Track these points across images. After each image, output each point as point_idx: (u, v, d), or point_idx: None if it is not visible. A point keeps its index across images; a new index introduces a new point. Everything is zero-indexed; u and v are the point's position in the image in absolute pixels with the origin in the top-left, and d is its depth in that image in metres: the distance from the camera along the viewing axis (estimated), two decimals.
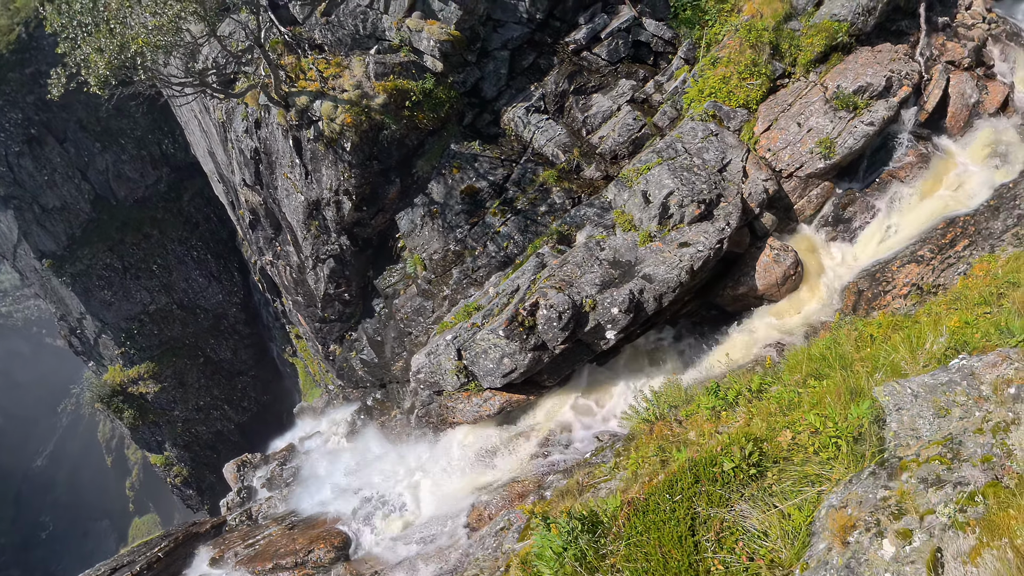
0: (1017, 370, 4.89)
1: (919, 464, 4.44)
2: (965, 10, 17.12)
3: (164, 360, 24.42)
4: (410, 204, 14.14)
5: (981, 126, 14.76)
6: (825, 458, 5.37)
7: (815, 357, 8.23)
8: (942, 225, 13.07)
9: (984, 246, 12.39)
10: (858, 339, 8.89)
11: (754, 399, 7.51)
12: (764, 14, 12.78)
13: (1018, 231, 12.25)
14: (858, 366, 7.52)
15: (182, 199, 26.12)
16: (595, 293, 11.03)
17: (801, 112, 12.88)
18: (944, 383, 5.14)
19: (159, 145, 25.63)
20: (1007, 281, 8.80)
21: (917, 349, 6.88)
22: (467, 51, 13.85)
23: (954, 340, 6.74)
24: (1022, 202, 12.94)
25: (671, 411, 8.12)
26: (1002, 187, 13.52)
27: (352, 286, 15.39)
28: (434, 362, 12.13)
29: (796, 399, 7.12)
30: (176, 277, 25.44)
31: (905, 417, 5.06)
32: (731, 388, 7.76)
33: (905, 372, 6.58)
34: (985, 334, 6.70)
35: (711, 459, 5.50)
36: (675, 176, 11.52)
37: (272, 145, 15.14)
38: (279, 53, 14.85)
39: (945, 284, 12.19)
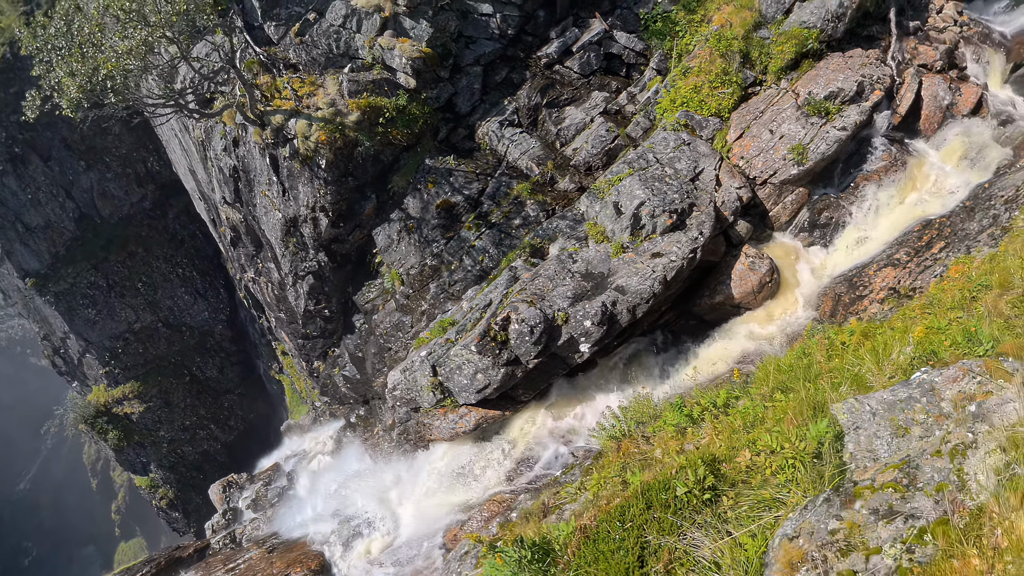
0: (980, 384, 4.59)
1: (873, 491, 4.13)
2: (936, 14, 17.01)
3: (149, 379, 23.93)
4: (386, 219, 13.94)
5: (955, 128, 14.56)
6: (783, 480, 5.06)
7: (784, 368, 7.93)
8: (918, 227, 12.82)
9: (960, 247, 12.12)
10: (829, 348, 8.59)
11: (720, 414, 7.20)
12: (733, 23, 12.64)
13: (993, 231, 11.98)
14: (825, 378, 7.22)
15: (167, 216, 25.75)
16: (567, 306, 10.76)
17: (773, 119, 12.69)
18: (903, 400, 4.84)
19: (144, 163, 25.30)
20: (980, 284, 8.51)
21: (883, 360, 6.58)
22: (440, 67, 13.73)
23: (921, 349, 6.45)
24: (997, 202, 12.69)
25: (638, 428, 7.81)
26: (977, 187, 13.29)
27: (332, 302, 15.15)
28: (410, 379, 11.83)
29: (761, 414, 6.82)
30: (161, 295, 25.04)
31: (862, 437, 4.76)
32: (696, 404, 7.45)
33: (871, 385, 6.28)
34: (954, 342, 6.41)
35: (664, 483, 5.19)
36: (646, 186, 11.30)
37: (250, 163, 15.00)
38: (255, 73, 14.76)
39: (922, 287, 11.91)
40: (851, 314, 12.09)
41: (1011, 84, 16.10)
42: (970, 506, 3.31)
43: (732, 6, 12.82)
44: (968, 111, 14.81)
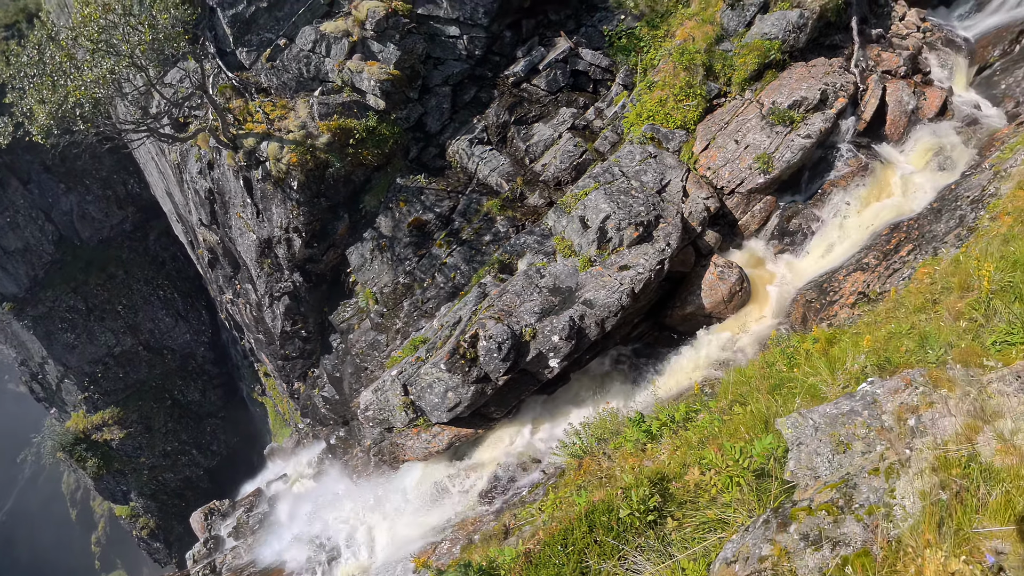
0: (923, 395, 4.39)
1: (808, 514, 3.91)
2: (899, 21, 17.17)
3: (129, 404, 23.34)
4: (359, 239, 13.82)
5: (921, 131, 14.56)
6: (728, 500, 4.83)
7: (746, 380, 7.73)
8: (886, 231, 12.72)
9: (928, 249, 12.01)
10: (792, 356, 8.39)
11: (680, 429, 6.98)
12: (696, 38, 12.69)
13: (960, 232, 11.88)
14: (785, 389, 7.01)
15: (148, 238, 25.35)
16: (535, 322, 10.57)
17: (738, 129, 12.67)
18: (846, 413, 4.63)
19: (124, 184, 24.95)
20: (943, 287, 8.36)
21: (837, 369, 6.38)
22: (409, 88, 13.75)
23: (875, 358, 6.26)
24: (963, 203, 12.61)
25: (599, 445, 7.57)
26: (944, 189, 13.23)
27: (309, 322, 14.94)
28: (382, 399, 11.58)
29: (718, 428, 6.60)
30: (142, 317, 24.51)
31: (803, 454, 4.55)
32: (656, 419, 7.22)
33: (824, 395, 6.08)
34: (909, 348, 6.23)
35: (607, 505, 4.96)
36: (612, 200, 11.20)
37: (225, 185, 14.94)
38: (227, 97, 14.78)
39: (891, 290, 11.76)
40: (822, 320, 11.91)
41: (975, 87, 16.17)
42: (892, 535, 3.10)
43: (694, 21, 12.90)
44: (933, 114, 14.85)
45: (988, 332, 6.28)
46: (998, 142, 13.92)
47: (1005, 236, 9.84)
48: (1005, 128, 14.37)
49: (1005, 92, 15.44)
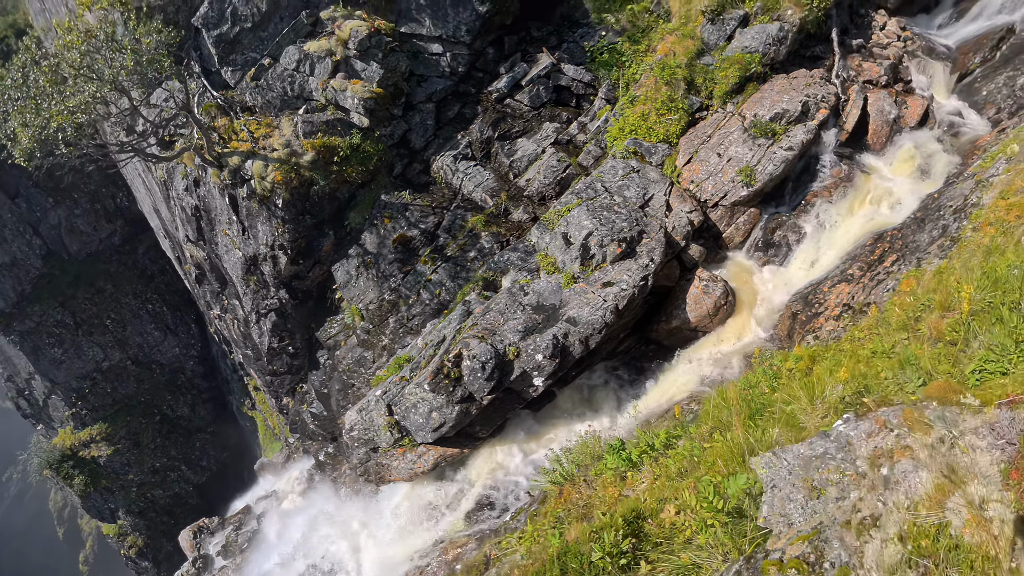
0: (898, 438, 4.17)
1: (780, 570, 3.68)
2: (880, 31, 17.06)
3: (118, 420, 22.78)
4: (345, 255, 13.58)
5: (903, 140, 14.41)
6: (703, 543, 4.60)
7: (728, 402, 7.51)
8: (870, 241, 12.54)
9: (911, 260, 11.83)
10: (775, 377, 8.18)
11: (660, 456, 6.76)
12: (676, 52, 12.52)
13: (943, 242, 11.70)
14: (766, 415, 6.79)
15: (137, 251, 24.79)
16: (518, 340, 10.34)
17: (720, 143, 12.48)
18: (820, 455, 4.41)
19: (113, 198, 24.46)
20: (924, 304, 8.16)
21: (817, 396, 6.17)
22: (392, 106, 13.54)
23: (854, 386, 6.05)
24: (946, 212, 12.43)
25: (580, 471, 7.33)
26: (927, 198, 13.06)
27: (296, 339, 14.68)
28: (367, 418, 11.32)
29: (698, 457, 6.38)
30: (130, 332, 23.86)
31: (777, 498, 4.32)
32: (636, 445, 6.99)
33: (803, 426, 5.86)
34: (888, 377, 6.01)
35: (580, 548, 4.73)
36: (594, 216, 11.00)
37: (211, 203, 14.70)
38: (213, 116, 14.57)
39: (876, 302, 11.57)
40: (808, 332, 11.71)
41: (957, 94, 16.04)
42: None
43: (675, 36, 12.73)
44: (915, 123, 14.70)
45: (968, 358, 6.08)
46: (980, 150, 13.78)
47: (988, 248, 9.65)
48: (987, 135, 14.23)
49: (986, 99, 15.32)
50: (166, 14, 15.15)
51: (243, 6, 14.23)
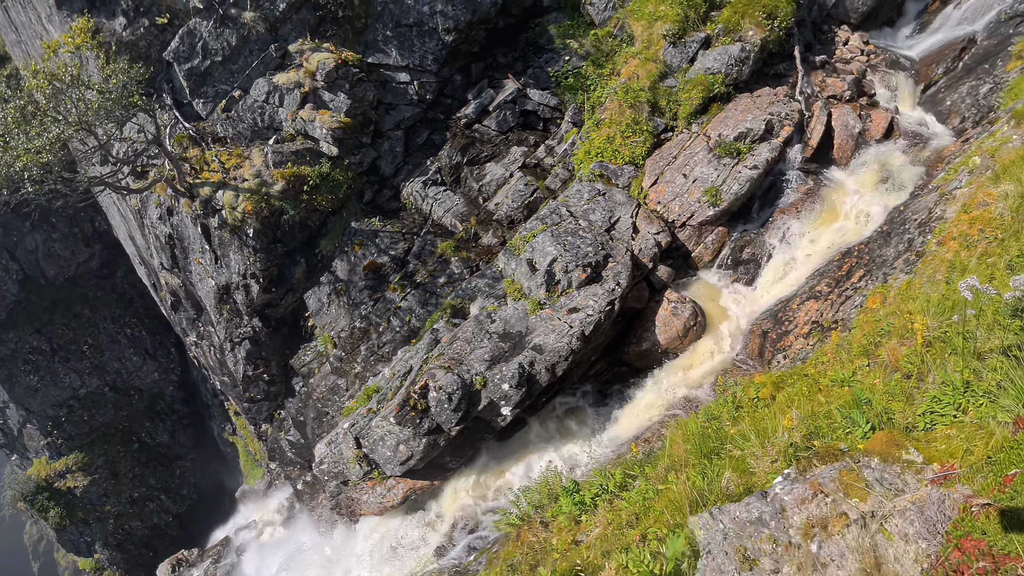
0: (833, 504, 3.83)
1: None
2: (843, 45, 16.94)
3: (94, 449, 21.69)
4: (317, 283, 13.24)
5: (869, 153, 14.22)
6: None
7: (688, 436, 7.17)
8: (838, 256, 12.27)
9: (878, 275, 11.55)
10: (737, 406, 7.85)
11: (615, 498, 6.41)
12: (640, 75, 12.31)
13: (908, 257, 11.43)
14: (723, 452, 6.45)
15: (115, 275, 23.83)
16: (485, 369, 9.99)
17: (686, 163, 12.24)
18: (755, 520, 4.07)
19: (92, 222, 23.46)
20: (884, 329, 7.85)
21: (769, 438, 5.83)
22: (361, 134, 13.28)
23: (808, 426, 5.72)
24: (911, 226, 12.17)
25: (537, 512, 6.96)
26: (894, 210, 12.83)
27: (271, 365, 14.29)
28: (336, 451, 10.92)
29: (652, 501, 6.02)
30: (108, 357, 22.86)
31: (711, 567, 3.98)
32: (591, 487, 6.64)
33: (753, 471, 5.53)
34: (838, 420, 5.68)
35: None
36: (558, 242, 10.70)
37: (184, 231, 14.38)
38: (184, 147, 14.29)
39: (844, 319, 11.27)
40: (778, 351, 11.39)
41: (921, 105, 15.90)
42: None
43: (638, 59, 12.53)
44: (880, 136, 14.52)
45: (921, 394, 5.76)
46: (945, 160, 13.57)
47: (951, 263, 9.36)
48: (952, 145, 14.04)
49: (950, 108, 15.16)
50: (138, 49, 14.93)
51: (213, 40, 14.01)
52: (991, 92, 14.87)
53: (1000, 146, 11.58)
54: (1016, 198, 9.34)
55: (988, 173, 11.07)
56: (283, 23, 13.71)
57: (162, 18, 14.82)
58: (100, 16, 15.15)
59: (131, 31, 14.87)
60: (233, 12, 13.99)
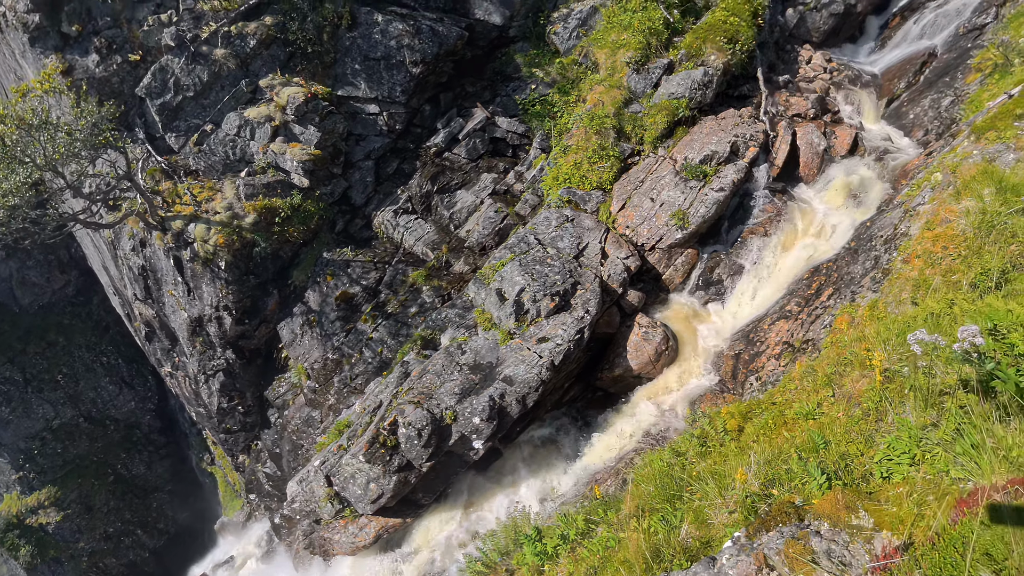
0: None
1: None
2: (806, 64, 16.97)
3: (68, 483, 20.41)
4: (290, 314, 12.87)
5: (835, 170, 14.11)
6: None
7: (654, 475, 6.84)
8: (807, 275, 12.06)
9: (846, 294, 11.33)
10: (704, 440, 7.53)
11: (577, 546, 6.06)
12: (605, 102, 12.18)
13: (875, 275, 11.23)
14: (685, 495, 6.12)
15: (91, 302, 22.68)
16: (455, 403, 9.62)
17: (653, 187, 12.06)
18: None
19: (68, 248, 22.43)
20: (847, 358, 7.58)
21: (727, 485, 5.52)
22: (332, 165, 13.03)
23: (766, 473, 5.41)
24: (877, 243, 12.01)
25: (503, 560, 6.58)
26: (860, 226, 12.68)
27: (246, 397, 13.84)
28: (307, 490, 10.46)
29: (613, 550, 5.67)
30: (83, 386, 21.62)
31: None
32: (553, 535, 6.27)
33: (711, 522, 5.21)
34: (792, 470, 5.37)
35: None
36: (526, 271, 10.42)
37: (157, 263, 14.00)
38: (157, 180, 13.98)
39: (814, 339, 11.02)
40: (751, 373, 11.12)
41: (886, 119, 15.88)
42: None
43: (603, 86, 12.41)
44: (845, 152, 14.45)
45: (880, 436, 5.48)
46: (910, 174, 13.48)
47: (916, 281, 9.15)
48: (916, 159, 13.96)
49: (914, 122, 15.15)
50: (111, 85, 14.67)
51: (185, 77, 13.78)
52: (952, 104, 14.86)
53: (961, 161, 11.46)
54: (977, 214, 9.17)
55: (950, 189, 10.93)
56: (253, 59, 13.52)
57: (135, 55, 14.60)
58: (74, 53, 14.91)
59: (104, 68, 14.62)
60: (204, 49, 13.80)
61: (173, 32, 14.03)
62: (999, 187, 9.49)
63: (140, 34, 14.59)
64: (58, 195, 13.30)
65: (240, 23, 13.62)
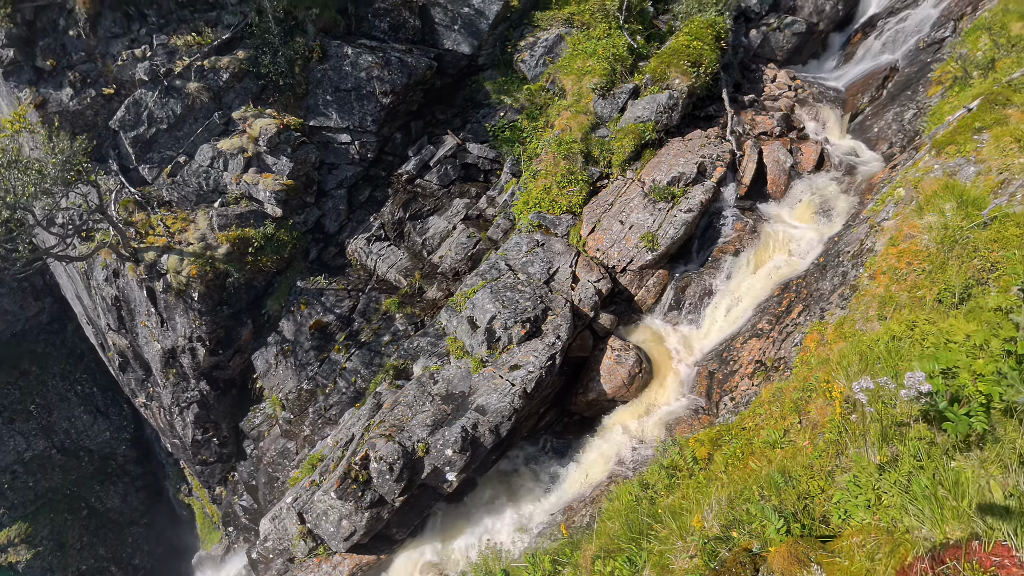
0: None
1: None
2: (771, 83, 17.11)
3: (40, 518, 19.11)
4: (264, 343, 12.50)
5: (802, 186, 14.09)
6: None
7: (620, 512, 6.56)
8: (777, 291, 11.92)
9: (816, 310, 11.18)
10: (673, 471, 7.27)
11: None
12: (572, 127, 12.10)
13: (843, 291, 11.10)
14: (650, 533, 5.83)
15: (66, 330, 21.62)
16: (427, 436, 9.29)
17: (622, 210, 11.94)
18: None
19: (42, 274, 21.29)
20: (811, 384, 7.37)
21: (690, 523, 5.25)
22: (305, 194, 12.81)
23: (727, 516, 5.16)
24: (844, 259, 11.90)
25: None
26: (829, 241, 12.59)
27: (222, 428, 13.36)
28: (280, 527, 10.01)
29: None
30: (57, 417, 20.43)
31: None
32: None
33: (672, 569, 4.93)
34: (756, 512, 5.12)
35: None
36: (497, 298, 10.19)
37: (130, 294, 13.60)
38: (130, 211, 13.66)
39: (786, 357, 10.83)
40: (725, 392, 10.89)
41: (851, 133, 15.97)
42: None
43: (570, 112, 12.36)
44: (812, 168, 14.45)
45: (840, 472, 5.26)
46: (875, 188, 13.48)
47: (883, 298, 9.01)
48: (881, 172, 14.00)
49: (878, 135, 15.23)
50: (84, 118, 14.43)
51: (159, 110, 13.57)
52: (915, 117, 14.96)
53: (923, 176, 11.44)
54: (940, 230, 9.09)
55: (912, 204, 10.88)
56: (227, 92, 13.35)
57: (109, 89, 14.39)
58: (48, 87, 14.67)
59: (78, 101, 14.39)
60: (178, 83, 13.63)
61: (147, 66, 13.86)
62: (960, 201, 9.44)
63: (114, 68, 14.41)
64: (29, 230, 12.93)
65: (213, 57, 13.49)
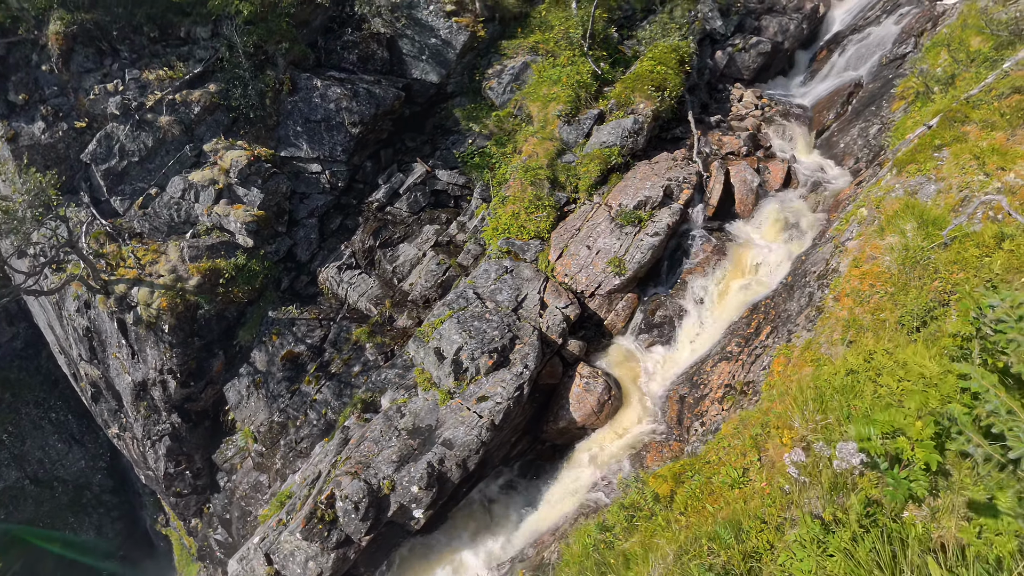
0: None
1: None
2: (738, 102, 17.06)
3: (11, 553, 17.99)
4: (236, 375, 12.11)
5: (770, 204, 13.94)
6: None
7: (575, 559, 6.25)
8: (746, 312, 11.69)
9: (783, 332, 10.96)
10: (634, 511, 6.97)
11: None
12: (539, 154, 11.93)
13: (810, 313, 10.89)
14: None
15: (40, 355, 20.46)
16: (392, 472, 8.92)
17: (589, 235, 11.73)
18: None
19: (16, 300, 19.76)
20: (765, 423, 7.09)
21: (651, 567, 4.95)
22: (276, 224, 12.51)
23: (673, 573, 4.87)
24: (811, 279, 11.71)
25: None
26: (796, 260, 12.41)
27: (195, 460, 12.89)
28: (247, 568, 9.56)
29: None
30: (30, 446, 19.30)
31: None
32: None
33: None
34: (705, 556, 4.85)
35: None
36: (464, 328, 9.89)
37: (101, 326, 13.18)
38: (101, 243, 13.28)
39: (755, 381, 10.58)
40: (696, 417, 10.62)
41: (818, 149, 15.89)
42: None
43: (537, 138, 12.20)
44: (779, 186, 14.33)
45: (789, 526, 5.00)
46: (841, 205, 13.37)
47: (847, 322, 8.80)
48: (847, 188, 13.89)
49: (844, 151, 15.17)
50: (56, 151, 14.08)
51: (130, 143, 13.26)
52: (879, 132, 14.92)
53: (884, 195, 11.32)
54: (901, 251, 8.93)
55: (875, 225, 10.73)
56: (198, 125, 13.08)
57: (81, 123, 14.07)
58: (20, 121, 14.33)
59: (50, 135, 14.05)
60: (150, 116, 13.34)
61: (119, 101, 13.57)
62: (921, 221, 9.29)
63: (86, 103, 14.10)
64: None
65: (185, 91, 13.23)
